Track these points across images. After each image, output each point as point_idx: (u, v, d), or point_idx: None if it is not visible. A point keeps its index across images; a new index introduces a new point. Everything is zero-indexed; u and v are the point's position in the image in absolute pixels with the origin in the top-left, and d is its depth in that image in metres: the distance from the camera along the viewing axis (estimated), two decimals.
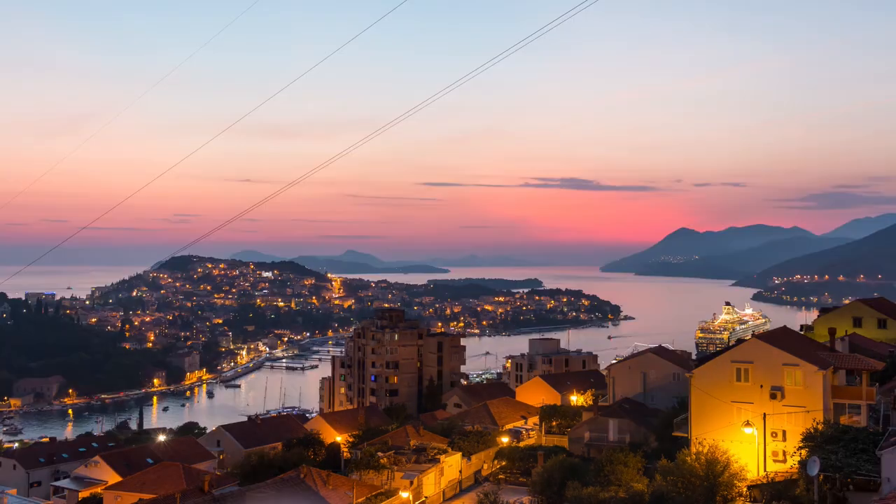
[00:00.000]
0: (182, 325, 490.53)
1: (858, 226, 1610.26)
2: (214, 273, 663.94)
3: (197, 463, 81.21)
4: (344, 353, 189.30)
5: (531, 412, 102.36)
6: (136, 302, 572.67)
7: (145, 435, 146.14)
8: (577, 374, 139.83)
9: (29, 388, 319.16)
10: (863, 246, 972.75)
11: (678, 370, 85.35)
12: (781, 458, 57.65)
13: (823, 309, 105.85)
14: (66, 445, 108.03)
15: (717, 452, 55.72)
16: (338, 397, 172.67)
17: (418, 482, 68.55)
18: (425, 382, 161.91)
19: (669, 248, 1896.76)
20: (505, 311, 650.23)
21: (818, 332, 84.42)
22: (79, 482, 79.39)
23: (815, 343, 70.27)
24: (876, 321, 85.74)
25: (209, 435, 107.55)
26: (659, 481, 55.20)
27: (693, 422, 62.23)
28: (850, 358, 62.37)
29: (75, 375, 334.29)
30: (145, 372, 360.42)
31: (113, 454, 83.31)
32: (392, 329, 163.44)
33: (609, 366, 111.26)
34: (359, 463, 71.18)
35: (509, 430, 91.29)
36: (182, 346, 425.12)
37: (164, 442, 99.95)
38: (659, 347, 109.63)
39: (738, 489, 54.12)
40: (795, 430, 56.44)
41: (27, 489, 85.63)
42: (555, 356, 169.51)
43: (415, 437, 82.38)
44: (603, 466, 61.44)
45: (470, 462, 78.30)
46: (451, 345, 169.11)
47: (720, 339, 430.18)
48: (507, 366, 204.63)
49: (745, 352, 62.01)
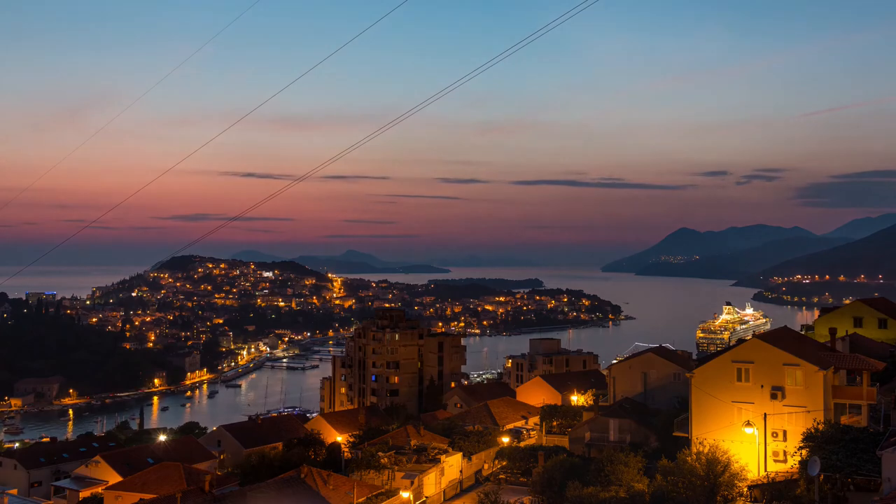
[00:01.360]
0: (182, 325, 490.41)
1: (859, 226, 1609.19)
2: (215, 273, 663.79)
3: (197, 463, 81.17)
4: (344, 353, 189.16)
5: (532, 412, 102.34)
6: (136, 302, 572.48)
7: (146, 435, 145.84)
8: (577, 374, 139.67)
9: (29, 388, 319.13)
10: (863, 246, 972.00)
11: (679, 370, 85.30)
12: (782, 458, 57.63)
13: (824, 309, 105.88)
14: (66, 445, 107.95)
15: (718, 452, 55.72)
16: (338, 397, 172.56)
17: (419, 482, 68.55)
18: (426, 382, 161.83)
19: (669, 248, 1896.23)
20: (505, 311, 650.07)
21: (819, 332, 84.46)
22: (79, 482, 79.37)
23: (815, 343, 70.26)
24: (876, 321, 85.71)
25: (209, 435, 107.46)
26: (659, 481, 55.21)
27: (694, 422, 62.21)
28: (851, 358, 62.35)
29: (75, 375, 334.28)
30: (146, 372, 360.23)
31: (113, 454, 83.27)
32: (393, 329, 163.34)
33: (609, 366, 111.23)
34: (359, 463, 71.19)
35: (510, 430, 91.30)
36: (182, 346, 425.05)
37: (165, 442, 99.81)
38: (659, 347, 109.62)
39: (739, 489, 54.12)
40: (796, 430, 56.44)
41: (28, 489, 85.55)
42: (555, 356, 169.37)
43: (415, 437, 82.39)
44: (603, 466, 61.44)
45: (471, 462, 78.31)
46: (452, 345, 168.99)
47: (721, 339, 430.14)
48: (508, 365, 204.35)
49: (746, 352, 61.98)
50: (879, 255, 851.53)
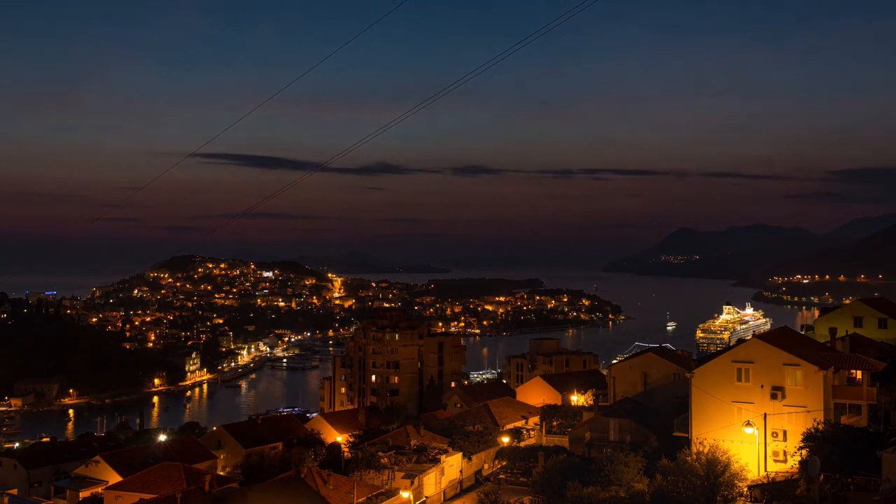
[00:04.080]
0: (182, 325, 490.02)
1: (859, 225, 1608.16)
2: (215, 273, 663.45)
3: (197, 463, 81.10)
4: (344, 353, 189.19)
5: (532, 412, 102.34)
6: (136, 302, 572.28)
7: (146, 435, 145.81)
8: (577, 374, 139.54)
9: (29, 388, 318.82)
10: (863, 246, 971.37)
11: (679, 370, 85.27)
12: (782, 458, 57.66)
13: (824, 309, 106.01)
14: (66, 445, 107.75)
15: (718, 452, 55.78)
16: (338, 397, 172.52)
17: (419, 482, 68.57)
18: (426, 382, 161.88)
19: (669, 248, 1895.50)
20: (505, 310, 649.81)
21: (819, 332, 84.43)
22: (79, 482, 79.31)
23: (815, 343, 70.28)
24: (876, 321, 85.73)
25: (209, 435, 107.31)
26: (659, 481, 55.23)
27: (694, 422, 62.24)
28: (851, 358, 62.34)
29: (75, 375, 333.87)
30: (145, 372, 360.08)
31: (113, 454, 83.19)
32: (393, 329, 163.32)
33: (609, 366, 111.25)
34: (359, 463, 71.23)
35: (510, 430, 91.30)
36: (182, 346, 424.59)
37: (165, 442, 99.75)
38: (659, 347, 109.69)
39: (739, 489, 54.17)
40: (796, 430, 56.48)
41: (28, 489, 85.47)
42: (555, 356, 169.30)
43: (415, 437, 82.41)
44: (604, 466, 61.45)
45: (471, 462, 78.32)
46: (452, 345, 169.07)
47: (721, 339, 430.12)
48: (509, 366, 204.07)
49: (746, 352, 62.01)
50: (879, 255, 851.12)
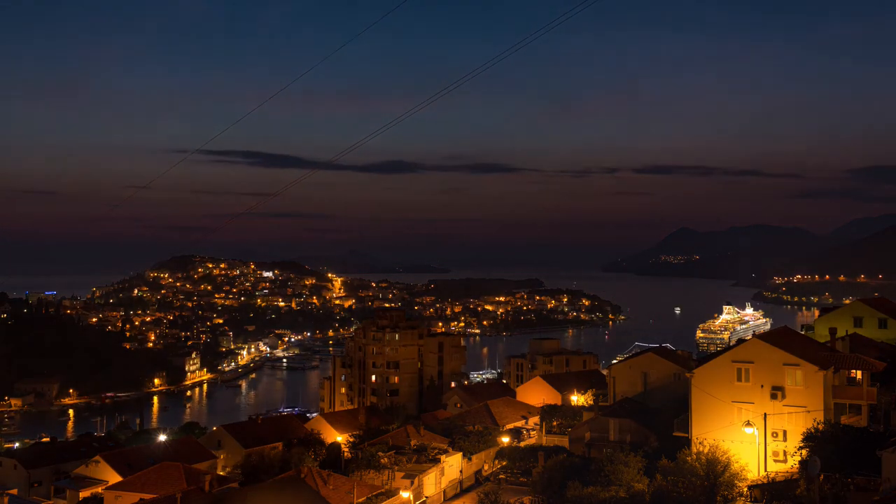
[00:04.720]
0: (182, 325, 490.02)
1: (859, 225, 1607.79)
2: (215, 273, 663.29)
3: (197, 463, 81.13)
4: (344, 353, 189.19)
5: (532, 412, 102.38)
6: (136, 302, 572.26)
7: (146, 435, 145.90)
8: (577, 374, 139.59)
9: (29, 388, 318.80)
10: (863, 246, 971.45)
11: (679, 370, 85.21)
12: (782, 458, 57.66)
13: (824, 309, 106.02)
14: (66, 445, 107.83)
15: (718, 452, 55.78)
16: (338, 397, 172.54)
17: (419, 482, 68.57)
18: (426, 382, 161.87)
19: (669, 248, 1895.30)
20: (505, 310, 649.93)
21: (819, 332, 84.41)
22: (79, 482, 79.37)
23: (815, 343, 70.28)
24: (876, 321, 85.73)
25: (209, 435, 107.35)
26: (659, 481, 55.23)
27: (694, 422, 62.24)
28: (851, 358, 62.34)
29: (75, 375, 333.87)
30: (145, 372, 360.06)
31: (113, 454, 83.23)
32: (393, 329, 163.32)
33: (609, 366, 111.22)
34: (359, 463, 71.22)
35: (510, 430, 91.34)
36: (182, 346, 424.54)
37: (165, 442, 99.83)
38: (659, 347, 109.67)
39: (739, 489, 54.18)
40: (796, 430, 56.48)
41: (28, 489, 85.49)
42: (555, 356, 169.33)
43: (415, 436, 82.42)
44: (604, 466, 61.44)
45: (471, 462, 78.32)
46: (452, 345, 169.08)
47: (721, 339, 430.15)
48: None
49: (746, 352, 62.01)
50: (879, 255, 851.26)
